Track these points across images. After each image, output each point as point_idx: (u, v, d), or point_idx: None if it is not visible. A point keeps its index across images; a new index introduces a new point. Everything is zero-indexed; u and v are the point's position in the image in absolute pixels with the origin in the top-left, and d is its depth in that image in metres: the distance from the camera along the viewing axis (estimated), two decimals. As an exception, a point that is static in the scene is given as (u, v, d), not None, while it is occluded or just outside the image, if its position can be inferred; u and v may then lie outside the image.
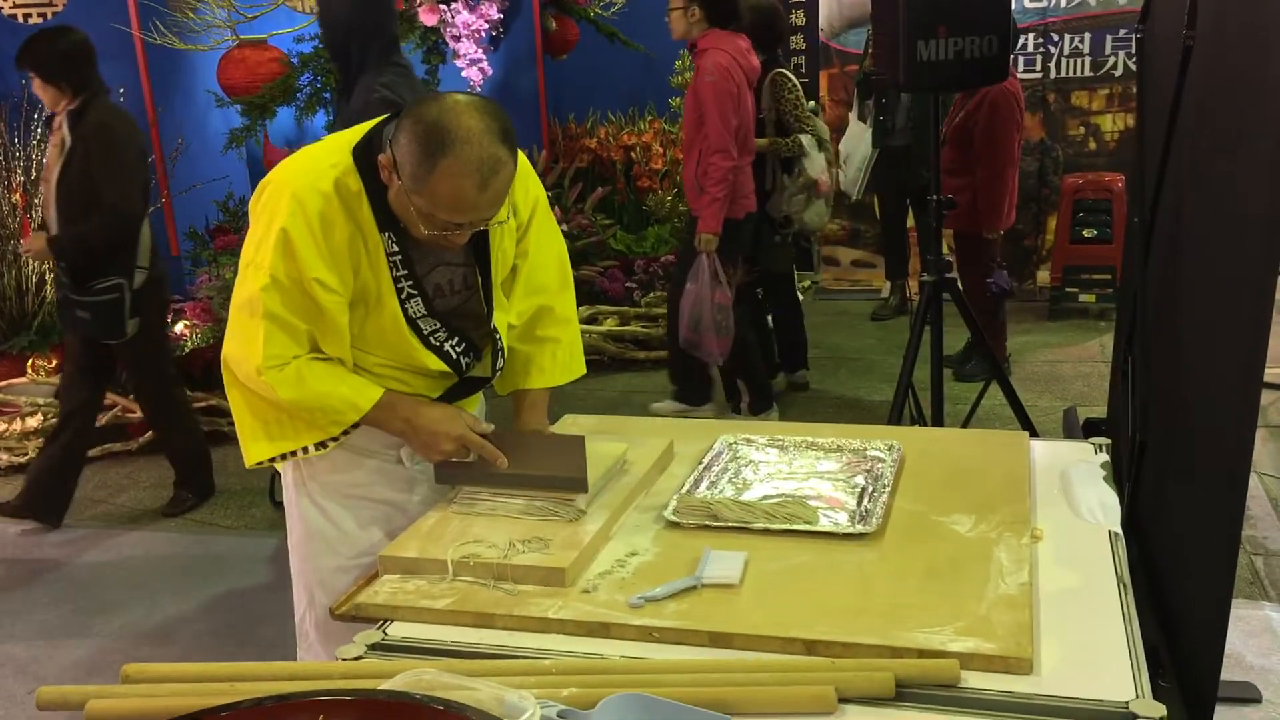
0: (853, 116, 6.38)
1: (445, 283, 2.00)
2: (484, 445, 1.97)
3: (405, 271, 1.92)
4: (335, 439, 1.97)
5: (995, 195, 5.12)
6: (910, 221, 6.61)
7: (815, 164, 4.86)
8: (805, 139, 4.86)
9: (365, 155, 1.86)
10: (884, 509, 1.88)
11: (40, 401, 5.24)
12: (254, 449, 2.00)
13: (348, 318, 1.91)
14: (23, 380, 5.48)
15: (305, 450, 1.98)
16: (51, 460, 4.31)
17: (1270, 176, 1.46)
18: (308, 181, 1.84)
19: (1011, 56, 5.65)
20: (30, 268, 5.68)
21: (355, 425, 1.96)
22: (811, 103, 5.09)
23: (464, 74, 6.14)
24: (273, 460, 2.00)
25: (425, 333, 1.97)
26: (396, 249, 1.89)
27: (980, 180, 5.06)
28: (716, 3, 4.54)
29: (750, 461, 2.16)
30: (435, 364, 2.00)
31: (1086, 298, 6.47)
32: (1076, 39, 6.69)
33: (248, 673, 1.52)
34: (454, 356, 2.01)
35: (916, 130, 5.74)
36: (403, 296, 1.93)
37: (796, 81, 4.95)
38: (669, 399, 5.18)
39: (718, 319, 4.56)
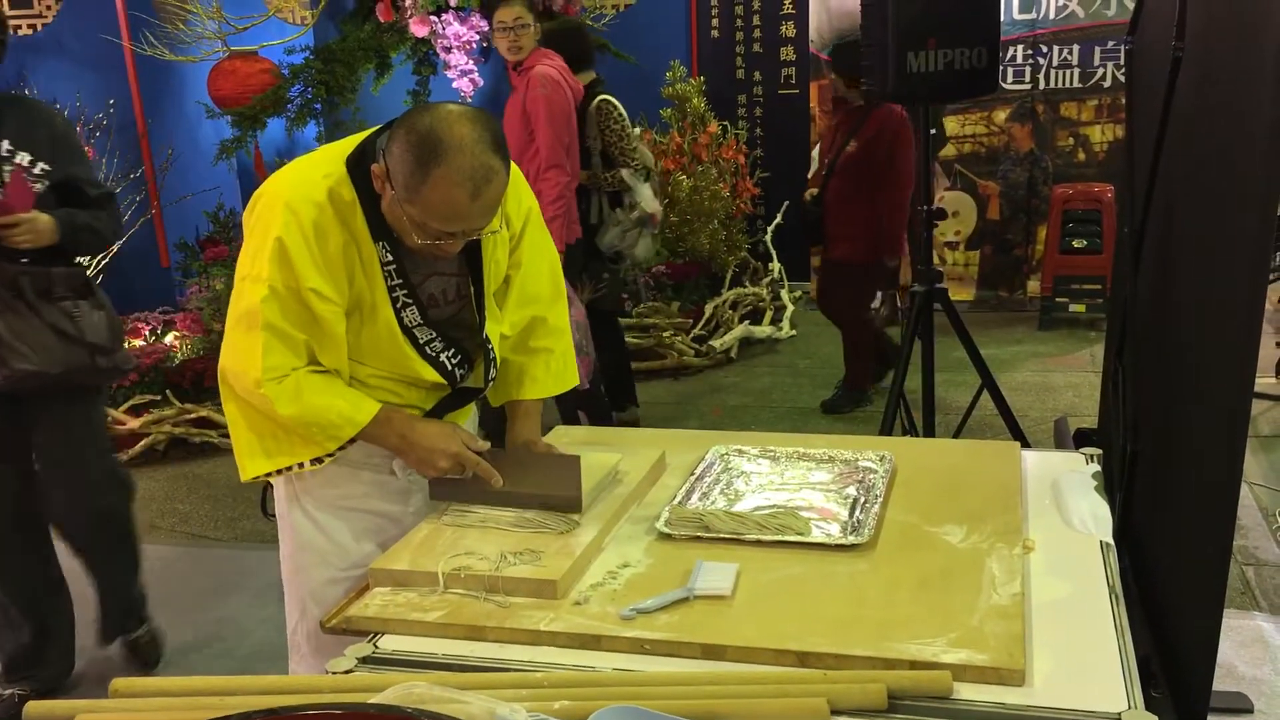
0: None
1: (439, 292, 2.00)
2: (479, 463, 1.97)
3: (400, 281, 1.92)
4: (331, 454, 1.97)
5: (900, 221, 5.02)
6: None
7: (645, 196, 4.66)
8: (627, 173, 4.65)
9: (358, 165, 1.86)
10: (876, 520, 1.88)
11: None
12: (250, 464, 1.99)
13: (344, 328, 1.91)
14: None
15: (300, 465, 1.97)
16: None
17: (1259, 187, 1.47)
18: (301, 192, 1.84)
19: (999, 68, 5.62)
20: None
21: (351, 440, 1.95)
22: (637, 129, 4.92)
23: (454, 85, 6.14)
24: (269, 475, 2.00)
25: (421, 342, 1.97)
26: (391, 258, 1.89)
27: (885, 207, 4.97)
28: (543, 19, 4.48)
29: (742, 473, 2.16)
30: (430, 374, 1.99)
31: (1077, 308, 6.49)
32: (1065, 50, 6.72)
33: (237, 686, 1.51)
34: (449, 368, 2.01)
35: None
36: (398, 306, 1.93)
37: (622, 110, 4.72)
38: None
39: (576, 339, 4.40)
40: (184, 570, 4.02)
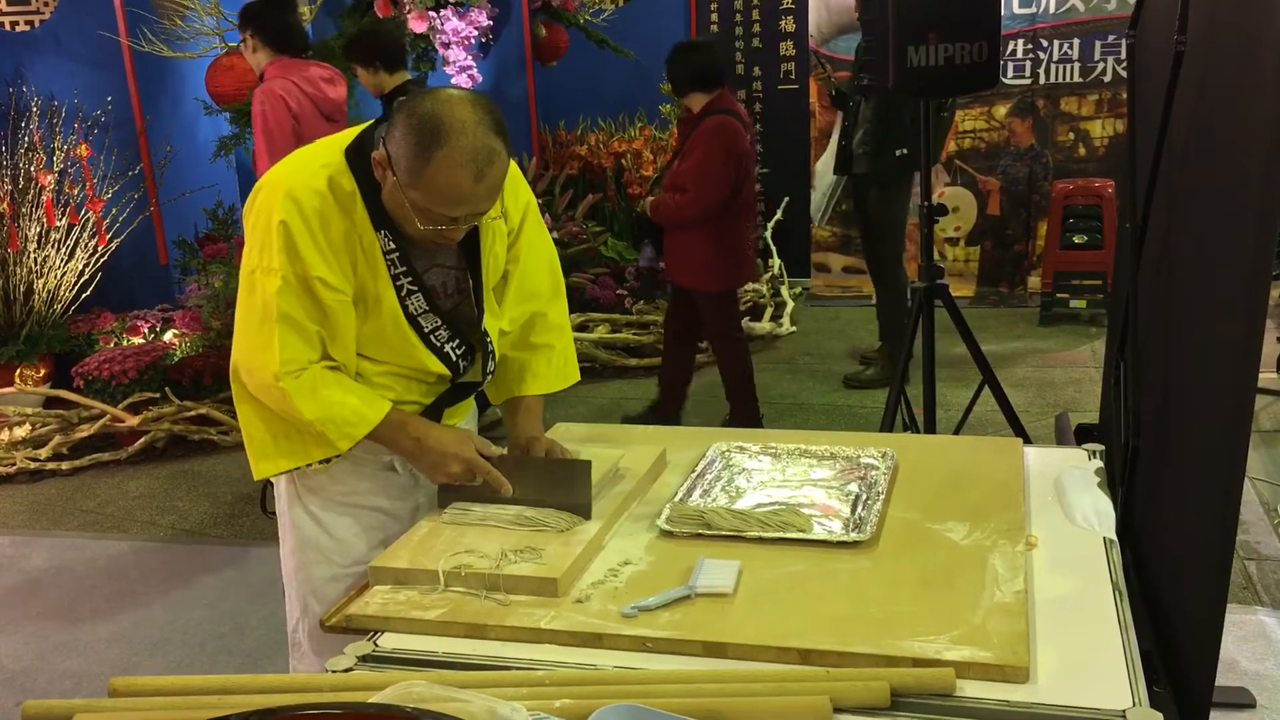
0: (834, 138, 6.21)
1: (439, 285, 1.99)
2: (490, 471, 1.95)
3: (404, 269, 1.91)
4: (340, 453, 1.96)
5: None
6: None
7: None
8: None
9: (358, 155, 1.85)
10: (878, 517, 1.87)
11: (29, 411, 5.22)
12: (264, 465, 1.98)
13: (352, 317, 1.90)
14: (11, 390, 5.46)
15: (310, 464, 1.97)
16: None
17: (1261, 182, 1.46)
18: (302, 181, 1.83)
19: (999, 63, 5.53)
20: (18, 277, 5.65)
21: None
22: None
23: (453, 81, 6.13)
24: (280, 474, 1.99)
25: (426, 330, 1.96)
26: (394, 246, 1.89)
27: (708, 229, 4.46)
28: (266, 29, 4.29)
29: (743, 469, 2.15)
30: (435, 365, 1.98)
31: (1078, 303, 6.49)
32: (1066, 45, 6.71)
33: (236, 685, 1.51)
34: (454, 358, 2.01)
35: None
36: (403, 294, 1.92)
37: None
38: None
39: None
40: (183, 568, 4.02)
